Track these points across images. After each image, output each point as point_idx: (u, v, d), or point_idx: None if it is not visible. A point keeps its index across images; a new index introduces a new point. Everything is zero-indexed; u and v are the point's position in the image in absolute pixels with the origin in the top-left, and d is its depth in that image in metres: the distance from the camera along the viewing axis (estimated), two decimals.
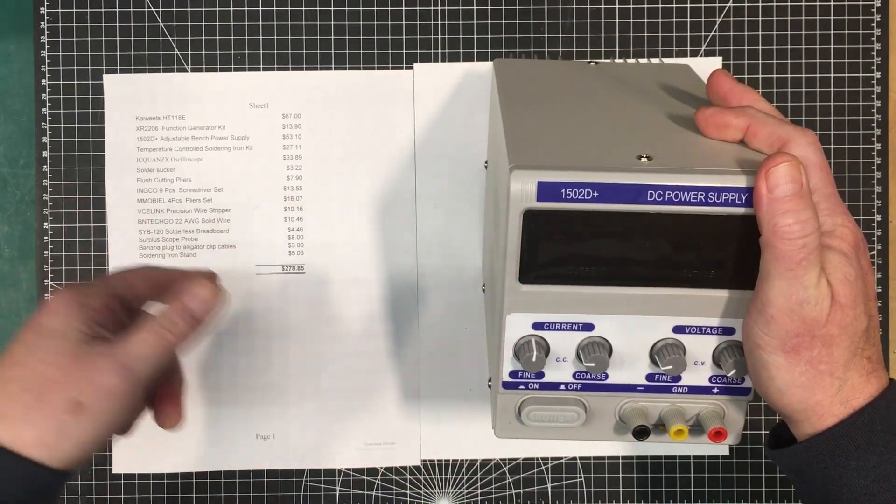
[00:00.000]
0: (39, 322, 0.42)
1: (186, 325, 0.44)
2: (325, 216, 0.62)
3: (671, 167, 0.37)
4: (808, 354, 0.36)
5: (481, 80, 0.62)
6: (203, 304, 0.45)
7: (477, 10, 0.62)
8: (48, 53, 0.62)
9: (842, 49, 0.62)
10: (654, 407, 0.42)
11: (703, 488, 0.62)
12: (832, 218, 0.38)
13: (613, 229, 0.37)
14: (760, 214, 0.35)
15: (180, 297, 0.45)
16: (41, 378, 0.40)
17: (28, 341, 0.42)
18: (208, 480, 0.62)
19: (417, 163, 0.62)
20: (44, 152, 0.62)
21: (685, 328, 0.40)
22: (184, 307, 0.44)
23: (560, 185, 0.36)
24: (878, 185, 0.62)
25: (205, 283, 0.45)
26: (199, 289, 0.45)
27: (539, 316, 0.40)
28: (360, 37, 0.62)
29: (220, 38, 0.62)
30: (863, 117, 0.62)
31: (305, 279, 0.62)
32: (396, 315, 0.62)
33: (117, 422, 0.42)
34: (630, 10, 0.62)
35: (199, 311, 0.44)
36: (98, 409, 0.40)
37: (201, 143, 0.62)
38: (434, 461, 0.63)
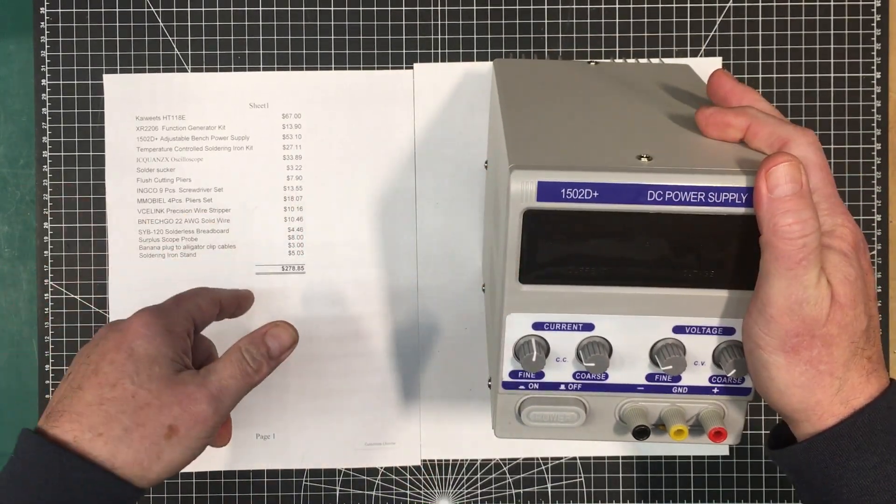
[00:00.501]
0: (131, 346, 0.45)
1: (267, 366, 0.47)
2: (325, 216, 0.62)
3: (671, 167, 0.37)
4: (808, 354, 0.36)
5: (481, 80, 0.62)
6: (282, 347, 0.48)
7: (477, 10, 0.62)
8: (48, 53, 0.62)
9: (842, 49, 0.62)
10: (654, 407, 0.42)
11: (703, 488, 0.62)
12: (832, 218, 0.38)
13: (613, 229, 0.37)
14: (760, 214, 0.35)
15: (264, 339, 0.49)
16: (139, 402, 0.43)
17: (120, 364, 0.44)
18: (208, 480, 0.62)
19: (417, 163, 0.62)
20: (44, 152, 0.62)
21: (685, 328, 0.40)
22: (268, 349, 0.48)
23: (560, 185, 0.36)
24: (878, 185, 0.62)
25: (285, 327, 0.49)
26: (280, 331, 0.48)
27: (539, 316, 0.40)
28: (360, 37, 0.62)
29: (220, 38, 0.62)
30: (863, 117, 0.62)
31: (305, 279, 0.62)
32: (396, 315, 0.62)
33: (201, 447, 0.45)
34: (630, 10, 0.62)
35: (277, 352, 0.48)
36: (189, 435, 0.44)
37: (201, 143, 0.62)
38: (434, 461, 0.63)
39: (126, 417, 0.43)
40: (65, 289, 0.62)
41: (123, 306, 0.62)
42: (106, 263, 0.62)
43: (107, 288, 0.62)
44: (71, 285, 0.62)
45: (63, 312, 0.62)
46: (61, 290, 0.62)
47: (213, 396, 0.45)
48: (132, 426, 0.43)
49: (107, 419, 0.43)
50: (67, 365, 0.62)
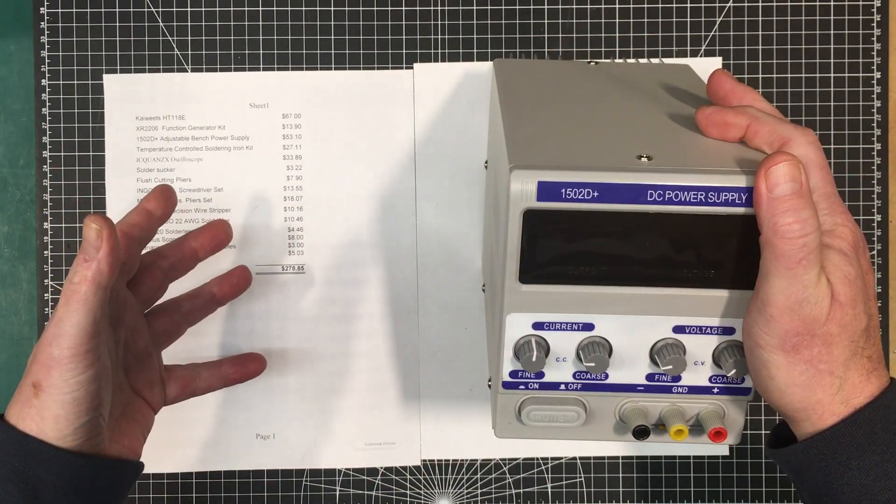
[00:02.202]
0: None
1: (86, 268, 0.43)
2: (325, 216, 0.62)
3: (671, 167, 0.37)
4: (808, 353, 0.36)
5: (481, 80, 0.62)
6: (90, 243, 0.43)
7: (477, 10, 0.62)
8: (48, 53, 0.62)
9: (842, 49, 0.62)
10: (654, 407, 0.42)
11: (703, 488, 0.62)
12: (832, 217, 0.38)
13: (613, 229, 0.37)
14: (760, 214, 0.35)
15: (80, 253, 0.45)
16: (25, 374, 0.44)
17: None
18: (208, 480, 0.62)
19: (417, 163, 0.62)
20: (44, 152, 0.62)
21: (685, 328, 0.40)
22: (81, 253, 0.44)
23: (560, 184, 0.36)
24: (878, 185, 0.62)
25: (87, 223, 0.44)
26: (85, 230, 0.44)
27: (539, 316, 0.40)
28: (360, 37, 0.62)
29: (220, 38, 0.62)
30: (863, 117, 0.62)
31: (305, 279, 0.62)
32: (396, 315, 0.62)
33: (77, 389, 0.43)
34: (630, 10, 0.62)
35: (89, 249, 0.43)
36: (51, 385, 0.43)
37: (201, 143, 0.62)
38: (434, 461, 0.63)
39: (18, 391, 0.44)
40: None
41: None
42: None
43: None
44: None
45: None
46: (61, 290, 0.62)
47: (53, 334, 0.43)
48: (16, 395, 0.44)
49: (16, 394, 0.45)
50: None
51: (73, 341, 0.42)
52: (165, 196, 0.52)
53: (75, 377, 0.43)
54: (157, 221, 0.52)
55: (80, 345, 0.43)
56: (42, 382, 0.43)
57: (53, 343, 0.43)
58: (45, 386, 0.43)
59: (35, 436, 0.43)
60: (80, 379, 0.43)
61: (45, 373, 0.43)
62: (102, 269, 0.43)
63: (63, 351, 0.42)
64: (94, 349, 0.43)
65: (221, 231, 0.57)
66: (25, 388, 0.44)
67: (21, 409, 0.43)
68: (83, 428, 0.44)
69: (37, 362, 0.43)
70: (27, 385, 0.43)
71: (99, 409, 0.44)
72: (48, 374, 0.43)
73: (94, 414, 0.44)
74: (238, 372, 0.57)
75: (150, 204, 0.51)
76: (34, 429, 0.43)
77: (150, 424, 0.52)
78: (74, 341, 0.42)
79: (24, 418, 0.43)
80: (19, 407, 0.44)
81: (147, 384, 0.51)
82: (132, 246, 0.50)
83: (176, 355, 0.56)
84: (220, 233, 0.57)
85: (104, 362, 0.45)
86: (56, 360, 0.42)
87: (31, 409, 0.43)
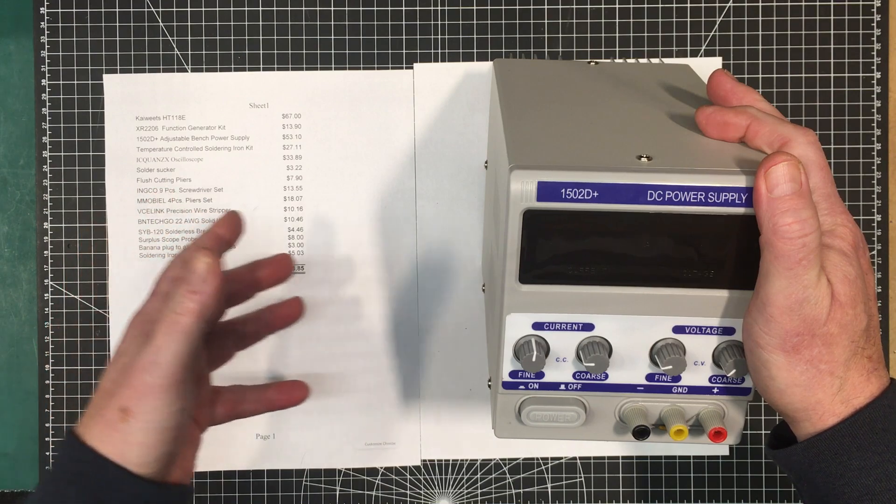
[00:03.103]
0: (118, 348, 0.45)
1: (192, 300, 0.43)
2: (325, 216, 0.62)
3: (671, 167, 0.37)
4: (809, 353, 0.36)
5: (481, 80, 0.62)
6: (198, 274, 0.43)
7: (477, 10, 0.62)
8: (48, 53, 0.62)
9: (842, 49, 0.62)
10: (654, 407, 0.42)
11: (703, 488, 0.62)
12: (832, 217, 0.38)
13: (613, 229, 0.37)
14: (760, 214, 0.35)
15: (177, 275, 0.46)
16: (103, 391, 0.43)
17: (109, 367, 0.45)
18: (208, 480, 0.62)
19: (417, 163, 0.62)
20: (44, 152, 0.62)
21: (685, 328, 0.40)
22: (187, 284, 0.44)
23: (560, 185, 0.36)
24: (878, 185, 0.62)
25: (197, 255, 0.43)
26: (194, 262, 0.44)
27: (539, 316, 0.40)
28: (360, 37, 0.62)
29: (220, 38, 0.62)
30: (863, 117, 0.62)
31: (305, 279, 0.62)
32: (396, 315, 0.62)
33: (167, 419, 0.43)
34: (630, 10, 0.62)
35: (196, 281, 0.43)
36: (141, 411, 0.42)
37: (201, 143, 0.62)
38: (434, 461, 0.63)
39: (93, 408, 0.43)
40: (65, 289, 0.62)
41: (123, 306, 0.62)
42: (106, 263, 0.62)
43: (107, 288, 0.62)
44: (71, 285, 0.62)
45: (63, 312, 0.62)
46: (61, 290, 0.62)
47: (150, 362, 0.42)
48: (96, 414, 0.43)
49: (94, 411, 0.43)
50: (67, 365, 0.62)
51: (170, 370, 0.42)
52: (235, 222, 0.51)
53: (168, 407, 0.42)
54: (226, 246, 0.50)
55: (176, 374, 0.42)
56: (133, 409, 0.42)
57: (149, 371, 0.42)
58: (136, 412, 0.42)
59: (115, 461, 0.42)
60: (172, 410, 0.43)
61: (137, 400, 0.42)
62: (208, 304, 0.43)
63: (158, 380, 0.42)
64: (187, 380, 0.43)
65: (285, 264, 0.55)
66: (111, 412, 0.42)
67: (103, 431, 0.42)
68: (164, 457, 0.43)
69: (129, 387, 0.42)
70: (113, 408, 0.42)
71: (181, 438, 0.44)
72: (140, 401, 0.42)
73: (176, 444, 0.44)
74: (283, 399, 0.55)
75: (222, 229, 0.50)
76: (115, 453, 0.42)
77: (199, 446, 0.50)
78: (171, 370, 0.42)
79: (106, 442, 0.42)
80: (101, 429, 0.42)
81: (199, 406, 0.50)
82: None
83: None
84: (284, 266, 0.55)
85: (191, 393, 0.44)
86: (150, 388, 0.42)
87: (116, 433, 0.42)
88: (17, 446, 0.63)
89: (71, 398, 0.62)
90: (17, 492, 0.64)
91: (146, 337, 0.43)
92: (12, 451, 0.64)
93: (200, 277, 0.43)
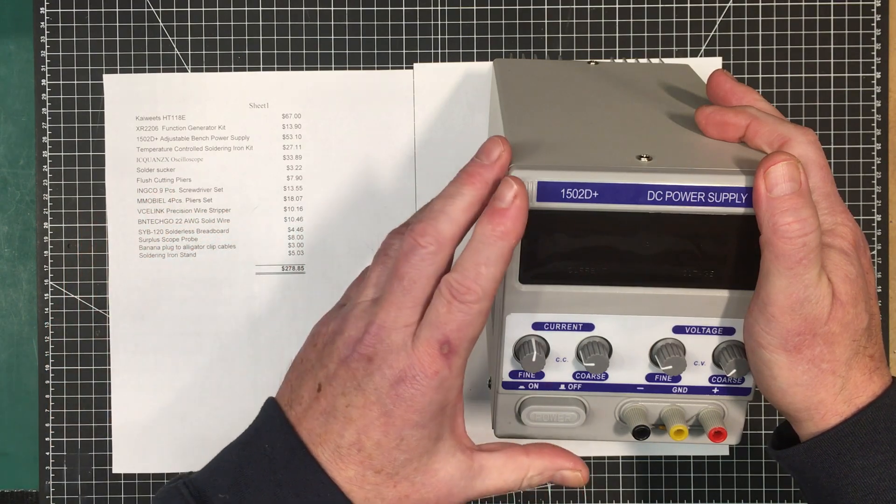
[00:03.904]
0: (427, 398, 0.37)
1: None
2: (325, 216, 0.62)
3: (671, 167, 0.37)
4: (810, 353, 0.36)
5: (481, 80, 0.62)
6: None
7: (477, 10, 0.62)
8: (48, 53, 0.62)
9: (842, 49, 0.62)
10: (654, 407, 0.42)
11: (703, 488, 0.62)
12: (832, 216, 0.38)
13: (613, 229, 0.37)
14: (760, 214, 0.35)
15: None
16: (399, 473, 0.38)
17: (411, 416, 0.37)
18: None
19: (417, 163, 0.62)
20: (44, 152, 0.62)
21: (685, 328, 0.40)
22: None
23: (560, 185, 0.36)
24: (878, 185, 0.62)
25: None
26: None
27: (539, 316, 0.40)
28: (360, 37, 0.62)
29: (220, 38, 0.62)
30: (863, 117, 0.62)
31: (305, 279, 0.62)
32: None
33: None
34: (630, 10, 0.62)
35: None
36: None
37: (201, 143, 0.62)
38: None
39: (383, 477, 0.36)
40: (65, 289, 0.62)
41: (123, 306, 0.62)
42: (106, 263, 0.62)
43: (107, 288, 0.62)
44: (71, 285, 0.62)
45: (63, 312, 0.62)
46: (61, 290, 0.62)
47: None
48: (382, 485, 0.36)
49: (378, 470, 0.36)
50: (67, 365, 0.62)
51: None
52: None
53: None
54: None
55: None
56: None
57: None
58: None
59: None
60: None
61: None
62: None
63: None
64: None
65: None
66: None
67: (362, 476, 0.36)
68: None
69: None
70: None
71: None
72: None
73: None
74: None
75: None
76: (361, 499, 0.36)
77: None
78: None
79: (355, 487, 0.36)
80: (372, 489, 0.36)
81: None
82: None
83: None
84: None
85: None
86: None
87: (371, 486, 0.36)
88: (17, 446, 0.63)
89: (71, 398, 0.62)
90: (16, 492, 0.64)
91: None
92: (12, 451, 0.64)
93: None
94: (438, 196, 0.36)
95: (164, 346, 0.62)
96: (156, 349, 0.62)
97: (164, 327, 0.62)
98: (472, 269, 0.34)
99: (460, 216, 0.35)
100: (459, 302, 0.34)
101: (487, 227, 0.34)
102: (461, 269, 0.35)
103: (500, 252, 0.34)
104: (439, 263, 0.35)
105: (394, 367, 0.35)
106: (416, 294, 0.35)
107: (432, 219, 0.35)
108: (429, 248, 0.35)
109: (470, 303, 0.34)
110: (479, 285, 0.34)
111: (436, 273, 0.35)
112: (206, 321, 0.61)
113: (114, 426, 0.62)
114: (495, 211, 0.34)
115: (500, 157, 0.36)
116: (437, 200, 0.36)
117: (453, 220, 0.35)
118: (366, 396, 0.35)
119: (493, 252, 0.34)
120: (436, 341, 0.35)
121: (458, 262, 0.35)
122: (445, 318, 0.35)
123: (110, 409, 0.62)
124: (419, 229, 0.35)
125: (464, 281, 0.34)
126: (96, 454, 0.62)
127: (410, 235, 0.35)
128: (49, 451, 0.62)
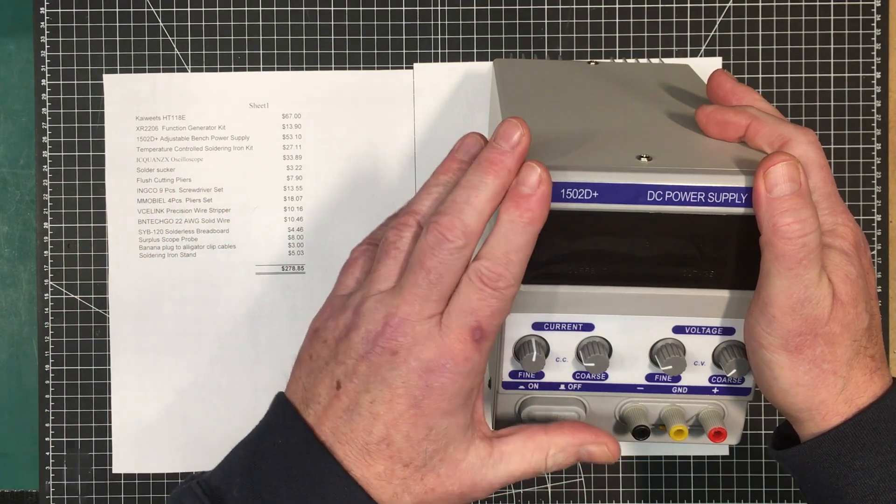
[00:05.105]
0: (458, 385, 0.37)
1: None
2: (325, 216, 0.62)
3: (671, 167, 0.37)
4: (811, 353, 0.36)
5: (481, 80, 0.62)
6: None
7: (477, 10, 0.62)
8: (48, 53, 0.62)
9: (842, 49, 0.62)
10: (654, 407, 0.42)
11: (703, 488, 0.62)
12: (832, 217, 0.38)
13: (613, 229, 0.37)
14: (760, 214, 0.35)
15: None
16: (427, 465, 0.37)
17: (442, 408, 0.37)
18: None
19: (417, 163, 0.62)
20: (44, 152, 0.62)
21: (685, 328, 0.40)
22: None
23: (560, 185, 0.36)
24: (878, 185, 0.62)
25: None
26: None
27: (539, 316, 0.40)
28: (360, 37, 0.62)
29: (220, 38, 0.62)
30: (863, 117, 0.62)
31: (305, 279, 0.62)
32: None
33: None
34: (630, 10, 0.62)
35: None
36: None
37: (201, 144, 0.62)
38: None
39: (411, 471, 0.36)
40: (65, 289, 0.62)
41: (123, 306, 0.62)
42: (106, 263, 0.62)
43: (107, 288, 0.62)
44: (71, 285, 0.62)
45: (63, 312, 0.62)
46: (61, 290, 0.62)
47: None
48: (410, 478, 0.36)
49: (407, 463, 0.36)
50: (67, 365, 0.62)
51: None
52: None
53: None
54: None
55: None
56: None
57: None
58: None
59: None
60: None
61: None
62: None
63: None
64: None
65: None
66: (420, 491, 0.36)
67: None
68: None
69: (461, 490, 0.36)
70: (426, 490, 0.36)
71: None
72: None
73: None
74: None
75: None
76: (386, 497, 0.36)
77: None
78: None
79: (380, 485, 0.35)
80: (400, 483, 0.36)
81: None
82: None
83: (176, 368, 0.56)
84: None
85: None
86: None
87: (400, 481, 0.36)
88: (17, 446, 0.63)
89: (71, 398, 0.62)
90: (16, 491, 0.64)
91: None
92: (12, 451, 0.64)
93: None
94: (460, 186, 0.36)
95: (165, 347, 0.62)
96: (156, 349, 0.62)
97: (165, 327, 0.62)
98: (502, 256, 0.35)
99: (485, 207, 0.35)
100: (492, 289, 0.35)
101: (515, 212, 0.35)
102: (491, 256, 0.35)
103: (528, 238, 0.35)
104: (466, 257, 0.35)
105: (421, 357, 0.35)
106: (442, 288, 0.35)
107: (459, 212, 0.35)
108: (456, 243, 0.35)
109: (502, 289, 0.35)
110: (510, 272, 0.35)
111: (463, 266, 0.35)
112: (206, 321, 0.61)
113: (114, 426, 0.62)
114: (521, 197, 0.35)
115: (521, 142, 0.36)
116: (460, 191, 0.36)
117: (479, 212, 0.35)
118: (392, 390, 0.35)
119: (522, 239, 0.35)
120: (468, 328, 0.35)
121: (486, 248, 0.35)
122: (478, 304, 0.35)
123: (110, 410, 0.62)
124: (446, 223, 0.35)
125: (495, 268, 0.35)
126: (96, 454, 0.62)
127: (437, 229, 0.35)
128: (49, 452, 0.62)
